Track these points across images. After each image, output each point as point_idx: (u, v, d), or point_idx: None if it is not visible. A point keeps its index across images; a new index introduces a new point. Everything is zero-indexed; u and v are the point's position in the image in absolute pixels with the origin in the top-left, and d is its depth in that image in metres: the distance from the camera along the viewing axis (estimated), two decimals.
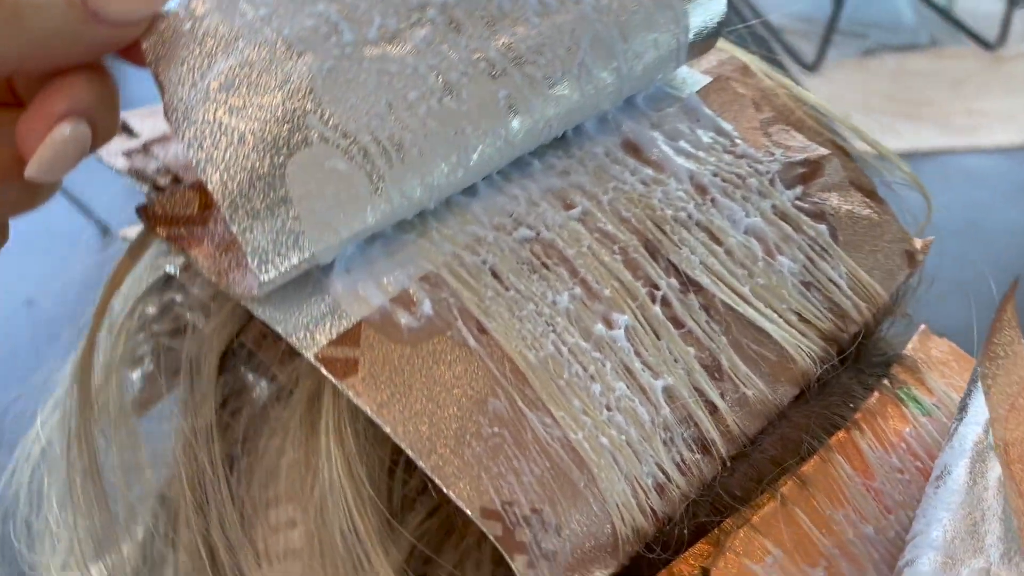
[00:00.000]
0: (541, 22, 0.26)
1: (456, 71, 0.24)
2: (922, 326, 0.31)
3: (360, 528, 0.22)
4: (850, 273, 0.28)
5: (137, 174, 0.29)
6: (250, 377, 0.25)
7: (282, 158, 0.23)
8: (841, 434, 0.26)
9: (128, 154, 0.29)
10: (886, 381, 0.28)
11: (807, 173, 0.30)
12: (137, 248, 0.26)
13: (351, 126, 0.23)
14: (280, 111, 0.23)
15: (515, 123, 0.26)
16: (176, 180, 0.28)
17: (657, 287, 0.26)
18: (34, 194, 0.24)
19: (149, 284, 0.31)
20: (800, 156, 0.30)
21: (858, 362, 0.29)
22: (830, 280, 0.28)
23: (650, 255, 0.26)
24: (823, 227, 0.29)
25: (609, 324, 0.25)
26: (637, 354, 0.25)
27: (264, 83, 0.23)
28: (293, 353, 0.24)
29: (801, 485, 0.25)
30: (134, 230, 0.30)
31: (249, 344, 0.26)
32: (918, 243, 0.30)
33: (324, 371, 0.22)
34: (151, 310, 0.31)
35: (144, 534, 0.30)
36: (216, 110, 0.22)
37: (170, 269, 0.31)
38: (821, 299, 0.28)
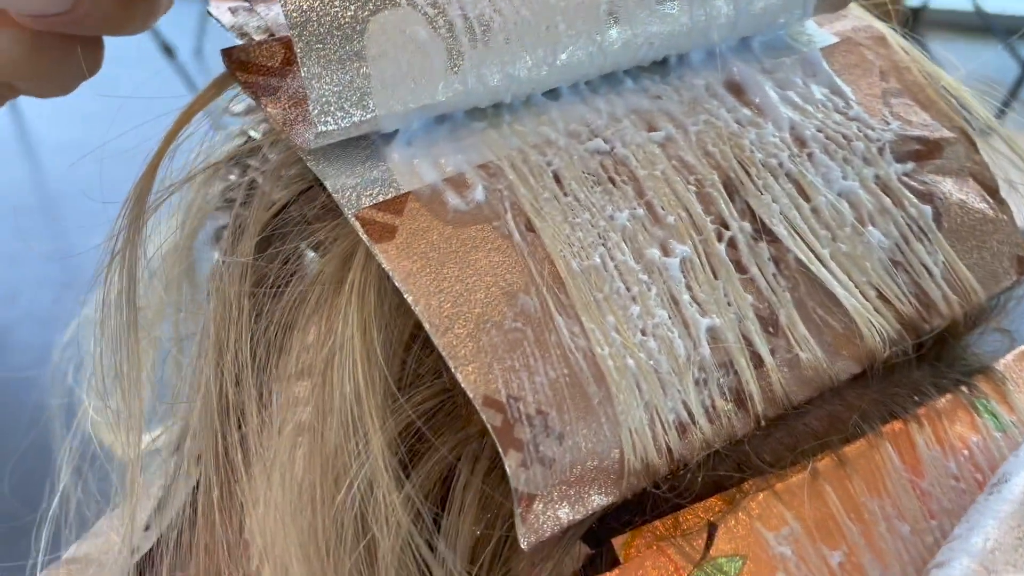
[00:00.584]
0: None
1: None
2: (1022, 347, 0.28)
3: (362, 391, 0.21)
4: (947, 262, 0.26)
5: (238, 30, 0.29)
6: (292, 231, 0.25)
7: (367, 13, 0.22)
8: (897, 424, 0.24)
9: (234, 11, 0.29)
10: (964, 388, 0.25)
11: (923, 151, 0.27)
12: (213, 88, 0.26)
13: None
14: None
15: (613, 32, 0.24)
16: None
17: (727, 226, 0.24)
18: (128, 12, 0.25)
19: (233, 148, 0.31)
20: (919, 132, 0.28)
21: (939, 361, 0.26)
22: (922, 264, 0.26)
23: (727, 193, 0.24)
24: (927, 208, 0.26)
25: (666, 251, 0.23)
26: (688, 287, 0.23)
27: None
28: (337, 213, 0.23)
29: (839, 464, 0.23)
30: None
31: (298, 202, 0.25)
32: None
33: (361, 231, 0.22)
34: (232, 176, 0.32)
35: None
36: None
37: (253, 134, 0.31)
38: (908, 281, 0.25)
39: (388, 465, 0.21)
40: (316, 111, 0.22)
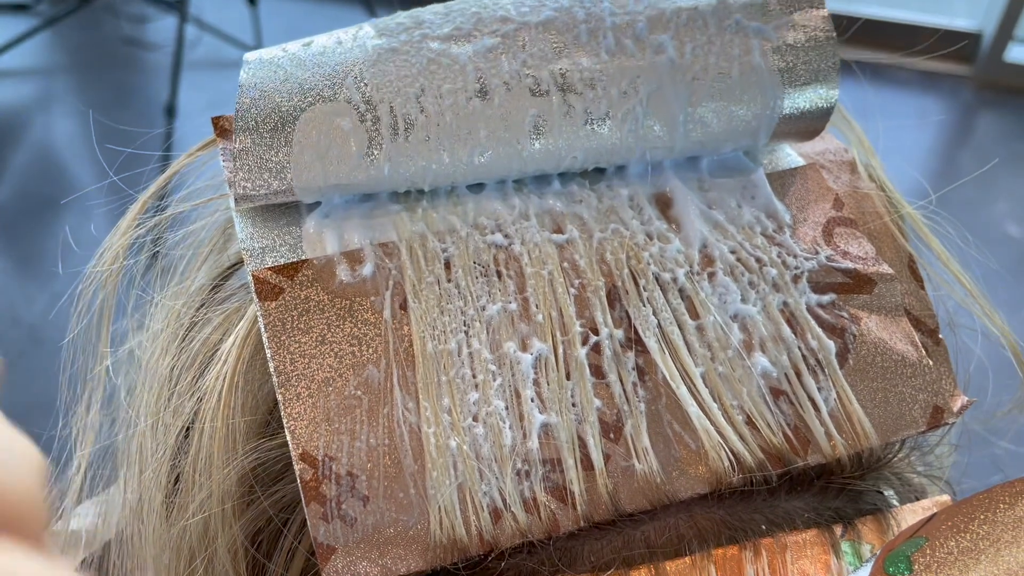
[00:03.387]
0: (610, 60, 0.26)
1: (499, 79, 0.26)
2: (946, 497, 0.27)
3: (215, 432, 0.24)
4: (841, 400, 0.26)
5: None
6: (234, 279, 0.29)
7: (306, 104, 0.25)
8: (732, 549, 0.24)
9: None
10: (839, 527, 0.25)
11: (848, 285, 0.27)
12: (200, 148, 0.30)
13: (376, 95, 0.25)
14: (331, 73, 0.25)
15: (536, 144, 0.26)
16: None
17: (596, 332, 0.25)
18: None
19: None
20: (850, 265, 0.27)
21: (822, 496, 0.26)
22: (809, 398, 0.25)
23: (608, 301, 0.26)
24: (831, 343, 0.26)
25: (524, 346, 0.25)
26: (535, 383, 0.25)
27: (339, 56, 0.25)
28: None
29: None
30: None
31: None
32: (958, 402, 0.26)
33: (252, 287, 0.25)
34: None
35: None
36: (283, 59, 0.25)
37: None
38: (789, 412, 0.25)
39: (221, 501, 0.24)
40: (237, 175, 0.25)
